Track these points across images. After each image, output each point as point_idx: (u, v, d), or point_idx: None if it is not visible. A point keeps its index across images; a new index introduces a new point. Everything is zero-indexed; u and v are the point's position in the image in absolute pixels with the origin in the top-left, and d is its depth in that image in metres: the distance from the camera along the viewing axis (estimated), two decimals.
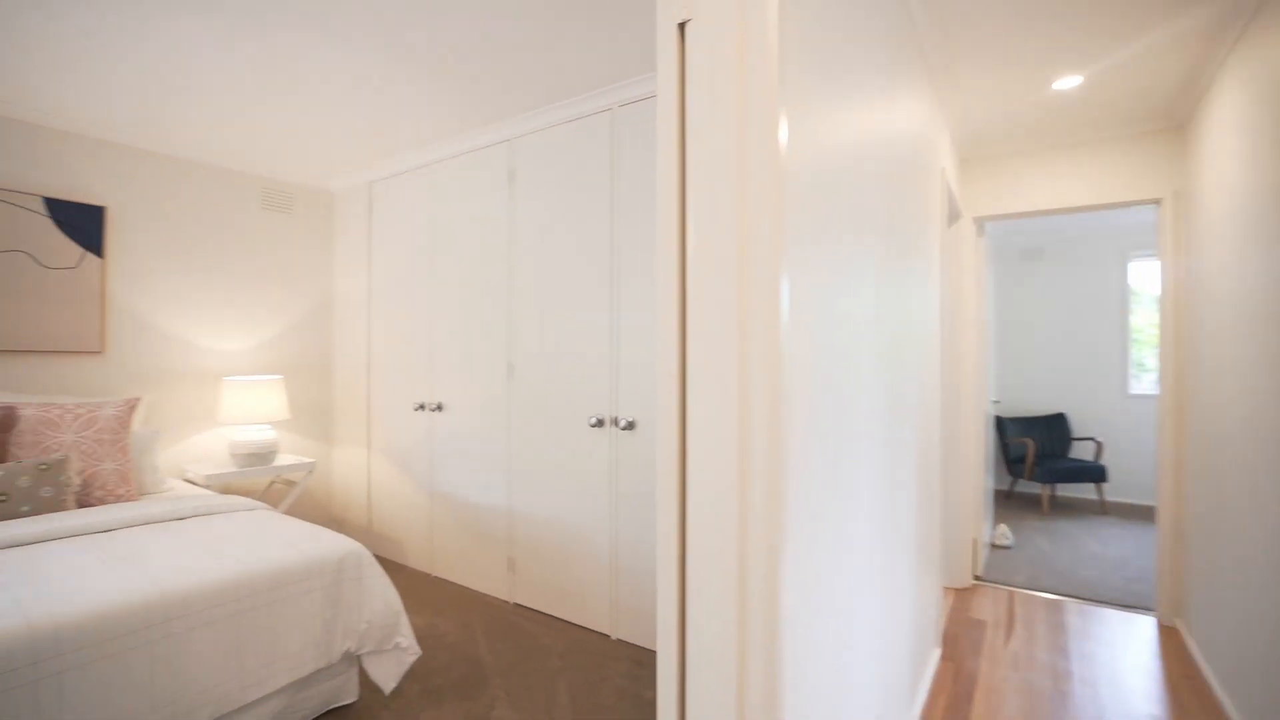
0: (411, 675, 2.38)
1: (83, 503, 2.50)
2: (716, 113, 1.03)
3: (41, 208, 2.94)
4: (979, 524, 3.63)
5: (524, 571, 3.06)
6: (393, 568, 3.65)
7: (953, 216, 3.39)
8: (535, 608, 3.02)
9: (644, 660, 2.54)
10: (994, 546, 4.16)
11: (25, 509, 2.25)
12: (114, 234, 3.19)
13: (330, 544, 2.12)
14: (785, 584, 1.04)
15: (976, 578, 3.61)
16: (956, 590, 3.46)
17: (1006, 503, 5.61)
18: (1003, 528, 4.25)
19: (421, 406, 3.53)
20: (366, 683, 2.29)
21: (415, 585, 3.36)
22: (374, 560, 2.17)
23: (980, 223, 3.64)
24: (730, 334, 1.03)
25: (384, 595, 2.14)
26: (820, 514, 1.23)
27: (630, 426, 2.65)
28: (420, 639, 2.69)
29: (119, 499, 2.60)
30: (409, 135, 3.25)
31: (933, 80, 2.58)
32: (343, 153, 3.51)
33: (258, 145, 3.37)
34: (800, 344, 1.12)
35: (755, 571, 1.01)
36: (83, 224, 3.06)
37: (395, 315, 3.73)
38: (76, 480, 2.43)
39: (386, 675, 2.13)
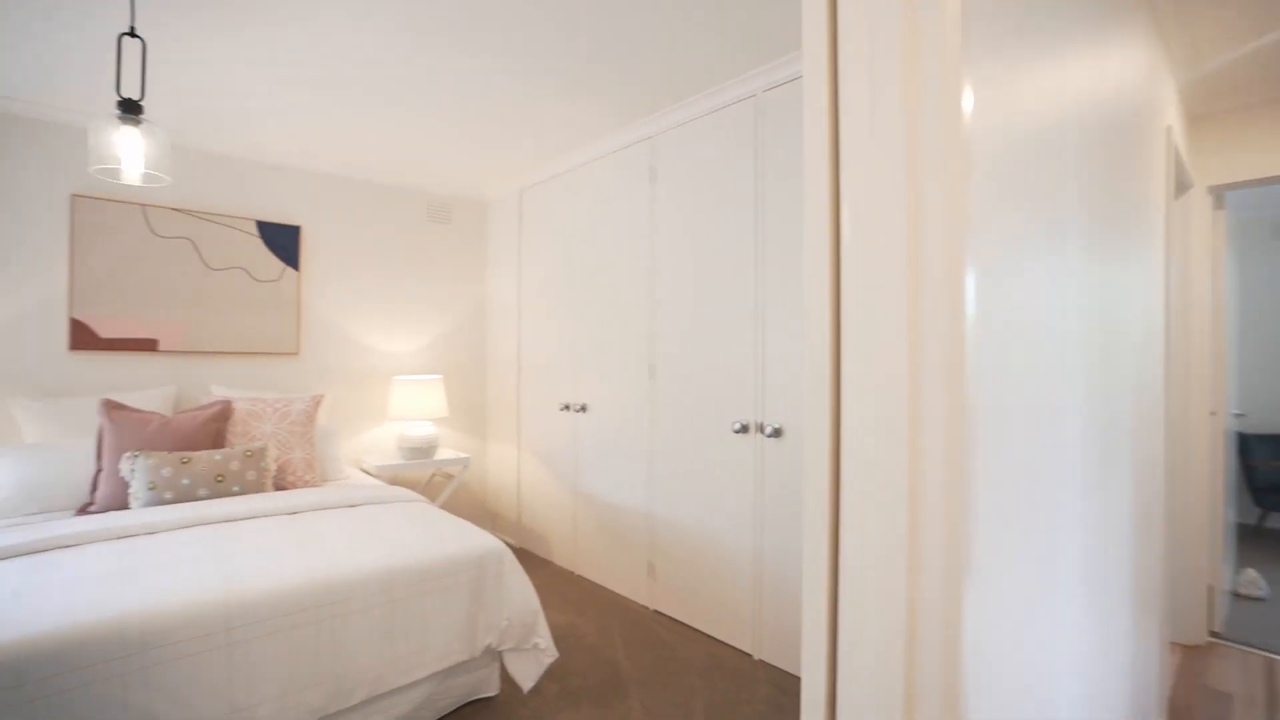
0: (550, 674, 2.39)
1: (278, 485, 2.82)
2: (877, 79, 0.85)
3: (254, 230, 3.39)
4: (1216, 567, 2.95)
5: (664, 578, 2.99)
6: (539, 563, 3.76)
7: (1181, 186, 2.79)
8: (674, 616, 2.93)
9: (789, 688, 2.34)
10: (1238, 596, 3.38)
11: (235, 489, 2.58)
12: (307, 249, 3.60)
13: (475, 540, 2.18)
14: (968, 626, 0.83)
15: (1214, 634, 2.93)
16: (1185, 648, 2.83)
17: (1254, 541, 4.57)
18: (1251, 573, 3.43)
19: (566, 407, 3.60)
20: (507, 678, 2.33)
21: (559, 583, 3.42)
22: (514, 559, 2.20)
23: (1218, 193, 2.96)
24: (897, 336, 0.84)
25: (523, 594, 2.15)
26: (1012, 545, 0.99)
27: (777, 434, 2.47)
28: (560, 638, 2.71)
29: (306, 484, 2.90)
30: (554, 142, 3.32)
31: (1155, 15, 2.11)
32: (495, 164, 3.68)
33: (421, 163, 3.63)
34: (987, 347, 0.90)
35: (929, 608, 0.82)
36: (283, 242, 3.48)
37: (542, 318, 3.84)
38: (273, 466, 2.75)
39: (525, 673, 2.14)
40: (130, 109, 1.73)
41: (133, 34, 1.75)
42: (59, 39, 2.22)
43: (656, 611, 3.02)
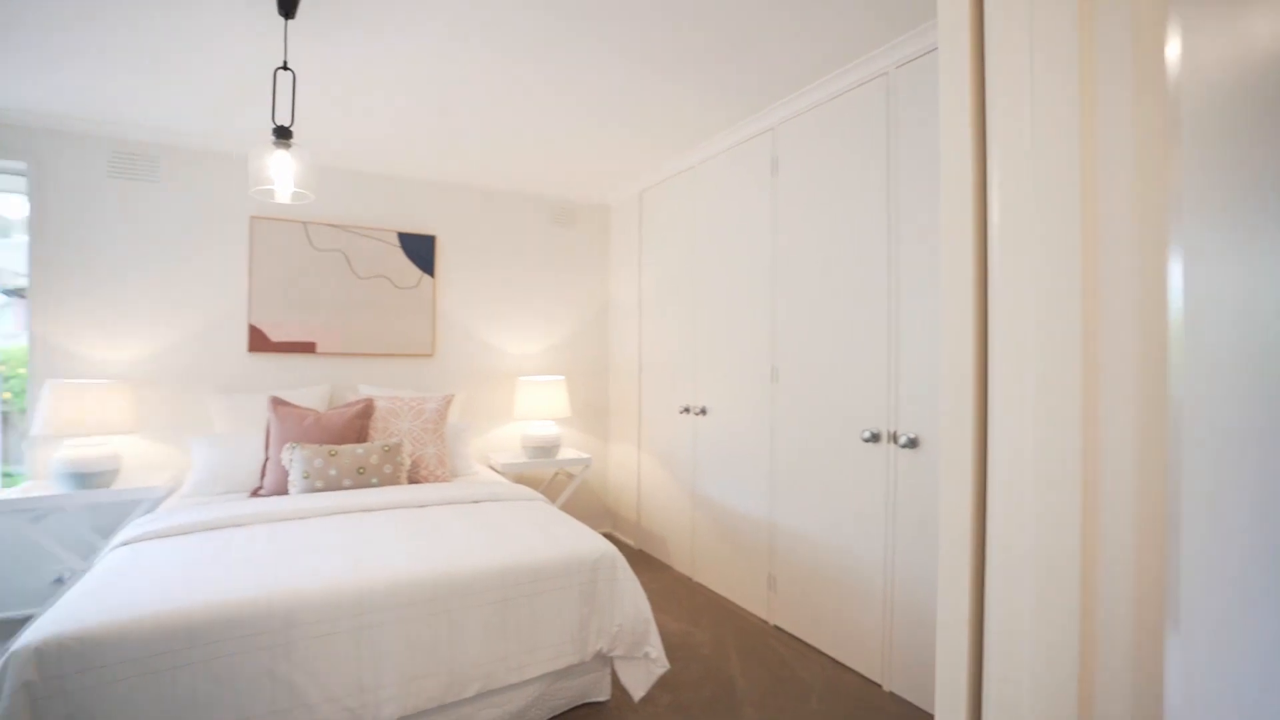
0: (663, 684, 2.33)
1: (411, 479, 3.01)
2: (1038, 17, 0.69)
3: (396, 240, 3.67)
4: None
5: (784, 591, 2.83)
6: (657, 567, 3.73)
7: None
8: (794, 633, 2.76)
9: None
10: None
11: (374, 481, 2.79)
12: (441, 257, 3.84)
13: (589, 544, 2.17)
14: (1173, 691, 0.65)
15: None
16: None
17: None
18: None
19: (686, 410, 3.54)
20: (619, 685, 2.30)
21: (676, 588, 3.36)
22: (627, 566, 2.16)
23: None
24: (1066, 337, 0.68)
25: (634, 601, 2.11)
26: (1249, 598, 0.77)
27: (912, 444, 2.23)
28: (674, 647, 2.65)
29: (437, 479, 3.08)
30: (674, 140, 3.27)
31: None
32: (616, 166, 3.70)
33: (546, 170, 3.74)
34: (1202, 350, 0.71)
35: (1113, 669, 0.65)
36: (421, 251, 3.74)
37: (662, 319, 3.81)
38: (408, 461, 2.94)
39: (636, 682, 2.10)
40: (282, 135, 1.91)
41: (285, 68, 1.92)
42: (232, 78, 2.51)
43: (776, 627, 2.86)
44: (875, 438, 2.37)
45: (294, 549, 2.00)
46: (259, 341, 3.32)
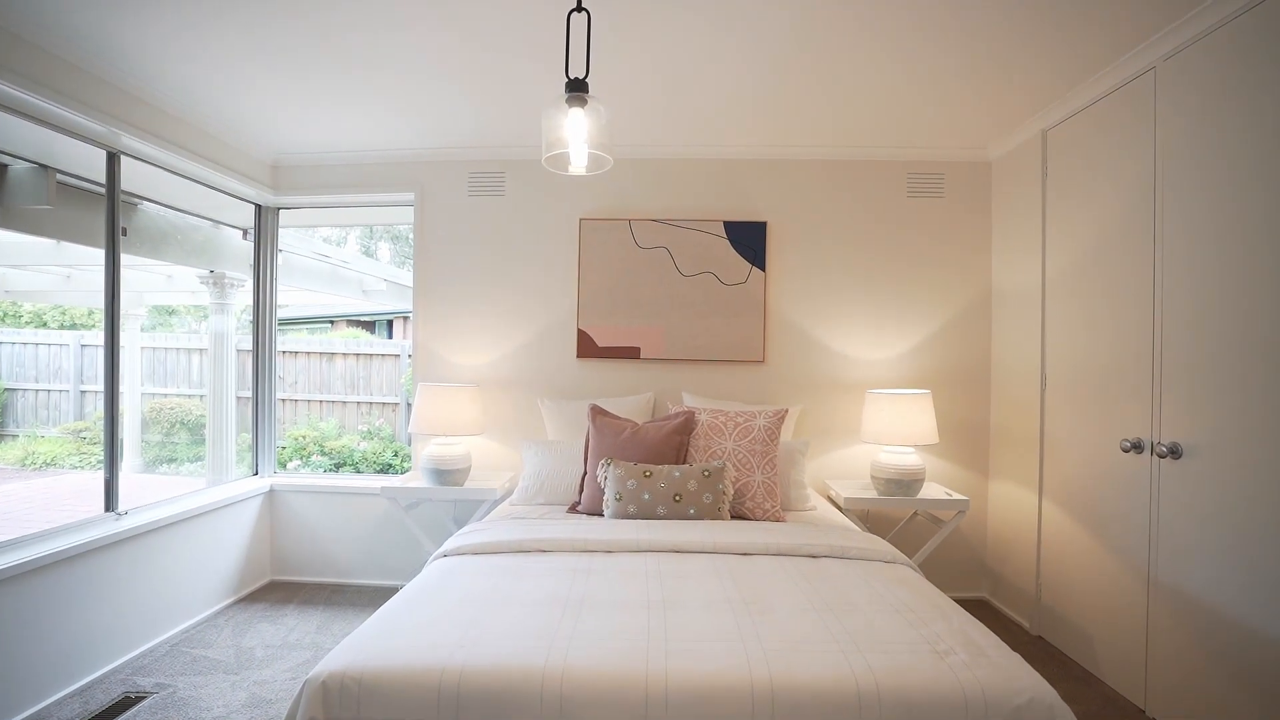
0: None
1: (735, 512, 2.50)
2: None
3: (721, 231, 3.25)
4: None
5: None
6: (1072, 670, 2.53)
7: None
8: None
9: None
10: None
11: (691, 511, 2.35)
12: (773, 247, 3.29)
13: (1003, 672, 1.32)
14: None
15: None
16: None
17: None
18: None
19: (1134, 446, 2.29)
20: None
21: (1108, 716, 2.17)
22: None
23: None
24: None
25: None
26: None
27: None
28: None
29: (765, 514, 2.50)
30: (1104, 41, 2.13)
31: None
32: (1002, 103, 2.66)
33: (900, 126, 2.91)
34: None
35: None
36: (750, 241, 3.24)
37: (1085, 309, 2.59)
38: (730, 489, 2.43)
39: None
40: (577, 88, 1.56)
41: (580, 8, 1.56)
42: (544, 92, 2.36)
43: None
44: None
45: (590, 599, 1.63)
46: (587, 347, 3.24)
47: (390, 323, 11.70)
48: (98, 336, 8.20)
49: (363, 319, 11.33)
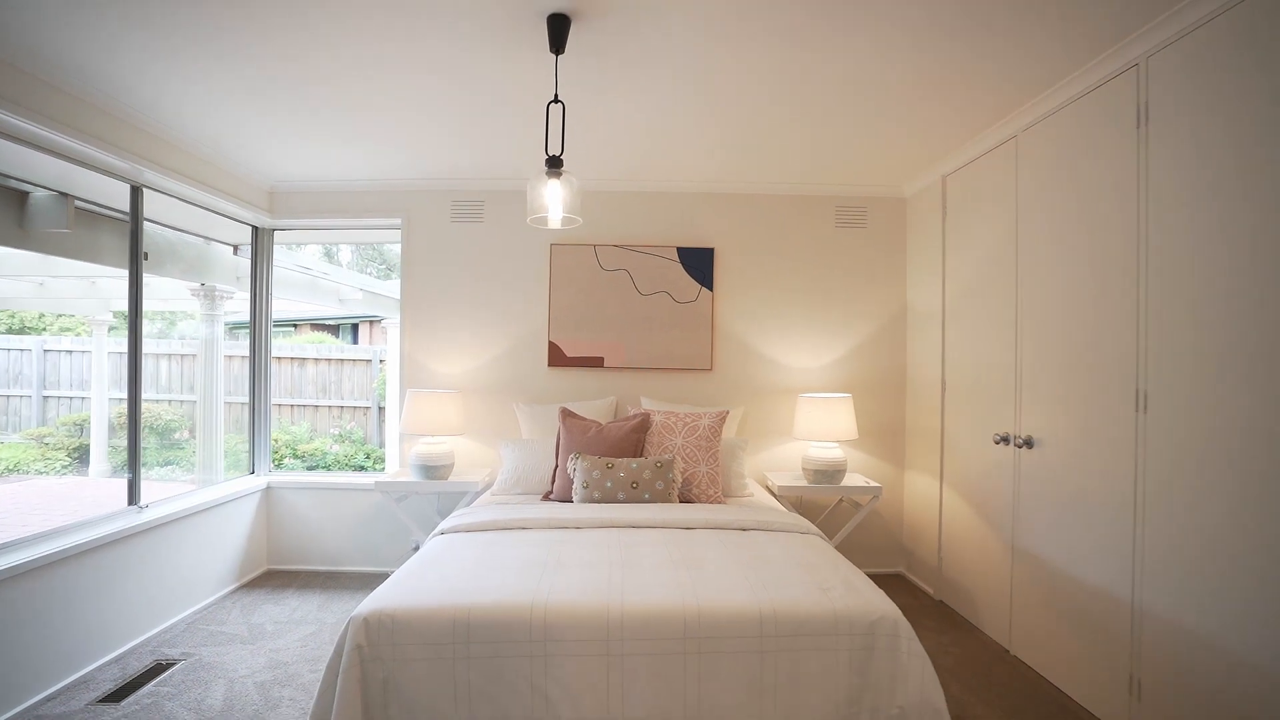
0: None
1: (683, 497, 2.98)
2: None
3: (675, 256, 3.74)
4: None
5: (1159, 706, 2.02)
6: (961, 626, 3.08)
7: None
8: None
9: None
10: None
11: (645, 496, 2.81)
12: (720, 269, 3.79)
13: (866, 600, 1.82)
14: None
15: None
16: None
17: None
18: None
19: (1003, 439, 2.85)
20: None
21: (986, 661, 2.71)
22: (913, 635, 1.75)
23: None
24: None
25: (921, 683, 1.69)
26: None
27: None
28: None
29: (708, 498, 2.99)
30: (985, 107, 2.67)
31: None
32: (912, 150, 3.20)
33: (829, 166, 3.43)
34: None
35: None
36: (699, 264, 3.74)
37: (971, 328, 3.15)
38: (679, 478, 2.91)
39: None
40: (554, 164, 2.00)
41: (556, 100, 2.02)
42: (523, 126, 2.80)
43: None
44: None
45: (565, 561, 2.08)
46: (557, 357, 3.69)
47: (355, 327, 11.86)
48: (61, 342, 8.24)
49: (327, 323, 11.48)
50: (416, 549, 3.60)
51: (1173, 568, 1.97)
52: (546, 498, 3.05)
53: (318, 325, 11.47)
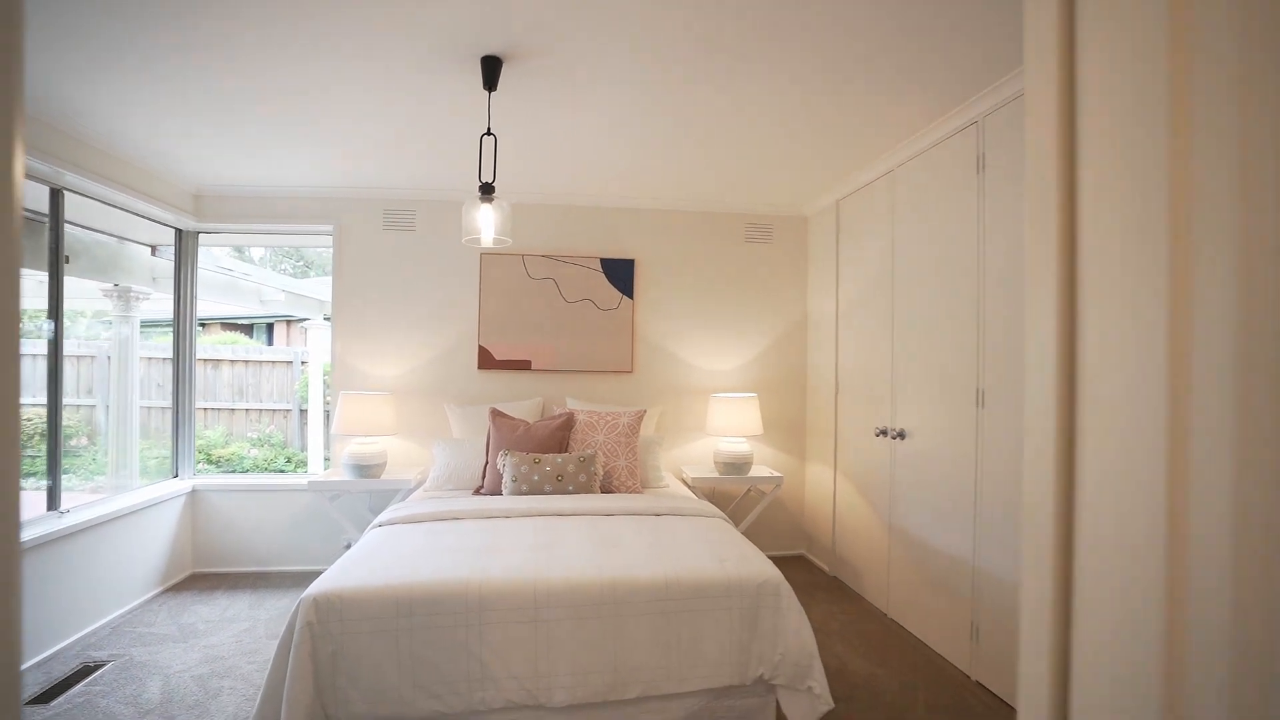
0: None
1: (604, 488, 3.26)
2: None
3: (599, 266, 4.02)
4: None
5: (990, 645, 2.48)
6: (849, 597, 3.52)
7: None
8: (999, 694, 2.41)
9: None
10: None
11: (570, 488, 3.08)
12: (640, 279, 4.10)
13: (754, 568, 2.16)
14: None
15: None
16: None
17: None
18: None
19: (883, 432, 3.30)
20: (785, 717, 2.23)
21: (867, 623, 3.15)
22: (792, 594, 2.11)
23: None
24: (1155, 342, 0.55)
25: (799, 632, 2.05)
26: None
27: None
28: (855, 687, 2.49)
29: (627, 489, 3.29)
30: (870, 144, 3.09)
31: None
32: (812, 176, 3.61)
33: (740, 186, 3.80)
34: None
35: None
36: (621, 274, 4.04)
37: (859, 335, 3.61)
38: (601, 471, 3.20)
39: (798, 716, 2.03)
40: (487, 191, 2.25)
41: (489, 133, 2.26)
42: (455, 145, 3.01)
43: (977, 683, 2.53)
44: None
45: (496, 545, 2.32)
46: (486, 360, 3.90)
47: (270, 327, 11.45)
48: None
49: (239, 322, 11.04)
50: (349, 546, 3.72)
51: (999, 533, 2.44)
52: (478, 492, 3.26)
53: (229, 325, 11.02)
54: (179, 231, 3.85)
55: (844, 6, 1.91)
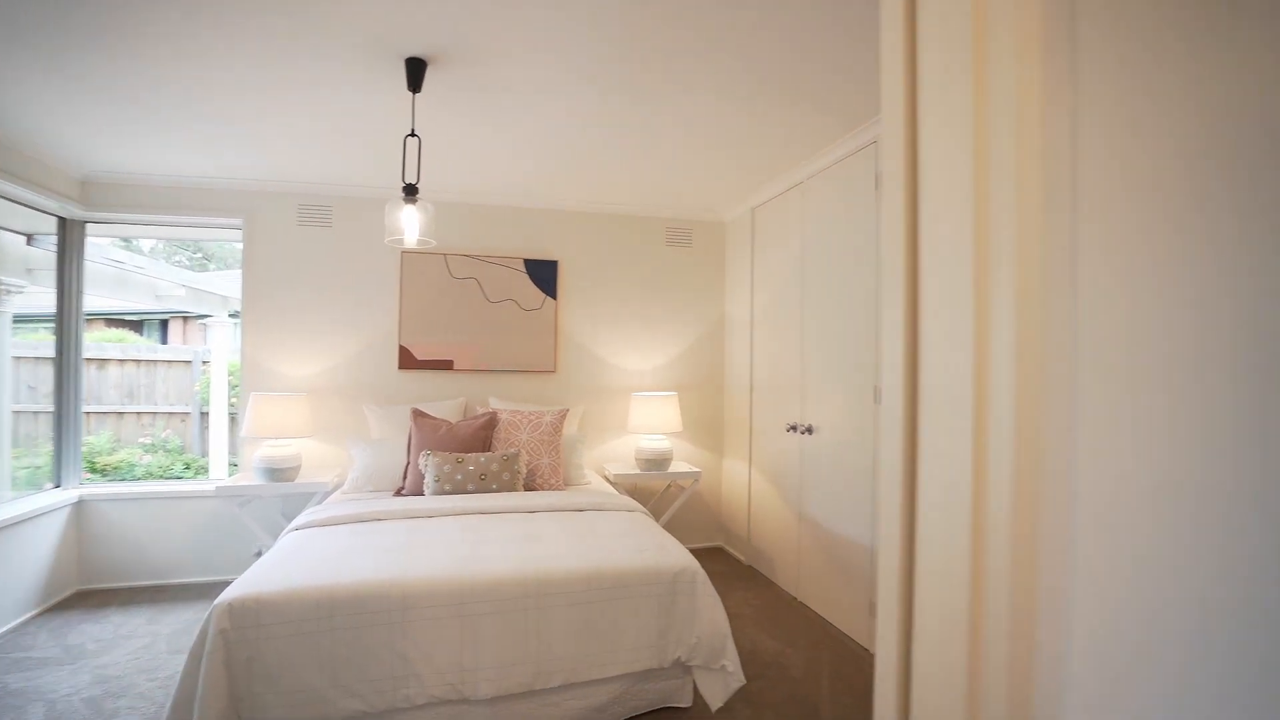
0: (746, 699, 2.37)
1: (528, 486, 3.31)
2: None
3: (522, 267, 4.05)
4: None
5: None
6: (762, 583, 3.72)
7: None
8: None
9: None
10: None
11: (494, 487, 3.11)
12: (563, 281, 4.16)
13: (672, 558, 2.29)
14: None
15: None
16: None
17: None
18: None
19: (793, 428, 3.52)
20: (701, 695, 2.37)
21: (778, 607, 3.35)
22: (707, 581, 2.25)
23: None
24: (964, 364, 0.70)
25: (713, 616, 2.19)
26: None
27: None
28: (765, 665, 2.66)
29: (550, 487, 3.35)
30: (783, 156, 3.28)
31: None
32: (729, 184, 3.78)
33: (659, 191, 3.93)
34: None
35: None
36: (545, 275, 4.08)
37: (772, 336, 3.82)
38: (524, 469, 3.24)
39: (713, 693, 2.17)
40: (410, 192, 2.25)
41: (413, 134, 2.27)
42: (377, 143, 2.97)
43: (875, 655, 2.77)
44: None
45: (419, 544, 2.33)
46: (407, 360, 3.84)
47: (164, 323, 10.63)
48: None
49: (128, 319, 10.19)
50: (259, 554, 3.57)
51: None
52: (399, 493, 3.22)
53: (114, 321, 10.14)
54: (62, 220, 3.56)
55: (750, 34, 2.06)
